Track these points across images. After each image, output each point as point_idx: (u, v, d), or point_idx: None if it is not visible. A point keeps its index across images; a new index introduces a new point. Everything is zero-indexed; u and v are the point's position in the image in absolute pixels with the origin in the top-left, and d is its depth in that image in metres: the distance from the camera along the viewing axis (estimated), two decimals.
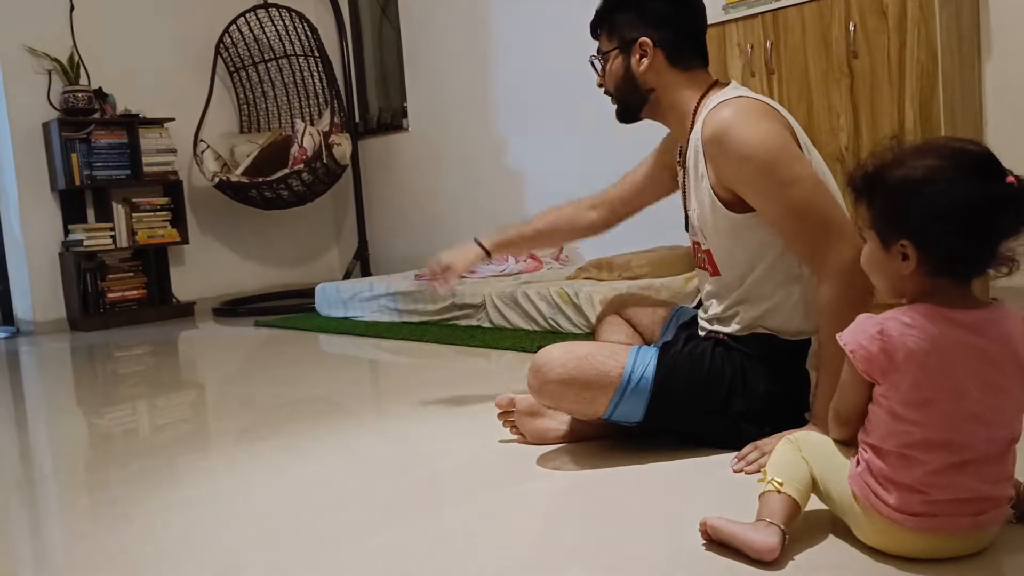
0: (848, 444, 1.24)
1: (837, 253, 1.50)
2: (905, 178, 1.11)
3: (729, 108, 1.60)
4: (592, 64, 1.82)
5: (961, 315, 1.10)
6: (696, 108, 1.70)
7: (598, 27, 1.79)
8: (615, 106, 1.82)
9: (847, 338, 1.14)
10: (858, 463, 1.19)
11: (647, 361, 1.63)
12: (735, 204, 1.62)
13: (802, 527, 1.23)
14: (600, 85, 1.82)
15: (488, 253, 2.14)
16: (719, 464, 1.59)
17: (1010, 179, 1.06)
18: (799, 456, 1.24)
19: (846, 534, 1.22)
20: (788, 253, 1.62)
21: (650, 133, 1.94)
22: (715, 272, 1.72)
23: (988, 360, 1.09)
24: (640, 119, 1.82)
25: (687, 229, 1.81)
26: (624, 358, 1.63)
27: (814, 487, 1.23)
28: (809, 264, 1.58)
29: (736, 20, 3.13)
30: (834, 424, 1.25)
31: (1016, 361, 1.10)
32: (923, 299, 1.12)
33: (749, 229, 1.62)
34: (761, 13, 3.06)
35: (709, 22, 1.80)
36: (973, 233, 1.07)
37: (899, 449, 1.12)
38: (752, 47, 3.09)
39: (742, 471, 1.53)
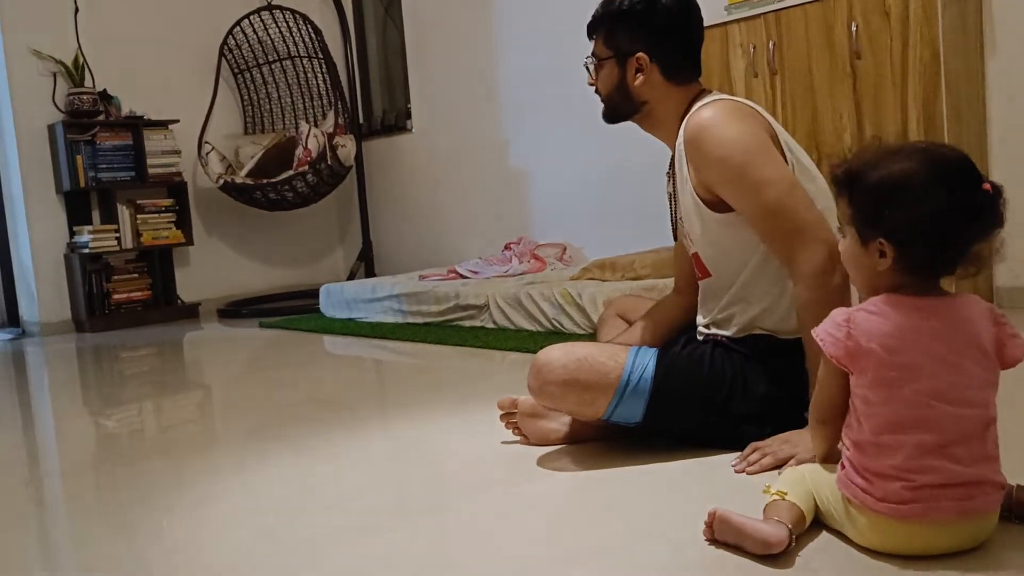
0: (834, 459, 1.27)
1: (809, 254, 1.51)
2: (883, 179, 1.15)
3: (708, 110, 1.62)
4: (586, 66, 1.82)
5: (923, 301, 1.16)
6: (683, 115, 1.71)
7: (594, 30, 1.78)
8: (603, 105, 1.81)
9: (819, 330, 1.20)
10: (842, 466, 1.22)
11: (646, 362, 1.64)
12: (717, 204, 1.64)
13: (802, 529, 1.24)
14: (591, 85, 1.82)
15: None
16: (720, 465, 1.59)
17: (985, 186, 1.11)
18: (803, 476, 1.28)
19: (844, 536, 1.22)
20: None
21: (648, 137, 1.94)
22: (705, 274, 1.73)
23: (946, 340, 1.14)
24: (622, 121, 1.82)
25: (675, 238, 1.83)
26: (623, 359, 1.64)
27: (817, 510, 1.25)
28: (784, 262, 1.59)
29: (739, 20, 3.13)
30: (814, 424, 1.30)
31: (976, 343, 1.15)
32: (892, 291, 1.18)
33: (732, 228, 1.64)
34: (764, 13, 3.07)
35: (712, 22, 1.81)
36: (947, 237, 1.13)
37: (874, 436, 1.15)
38: (755, 47, 3.10)
39: (743, 472, 1.53)
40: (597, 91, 1.81)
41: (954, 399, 1.13)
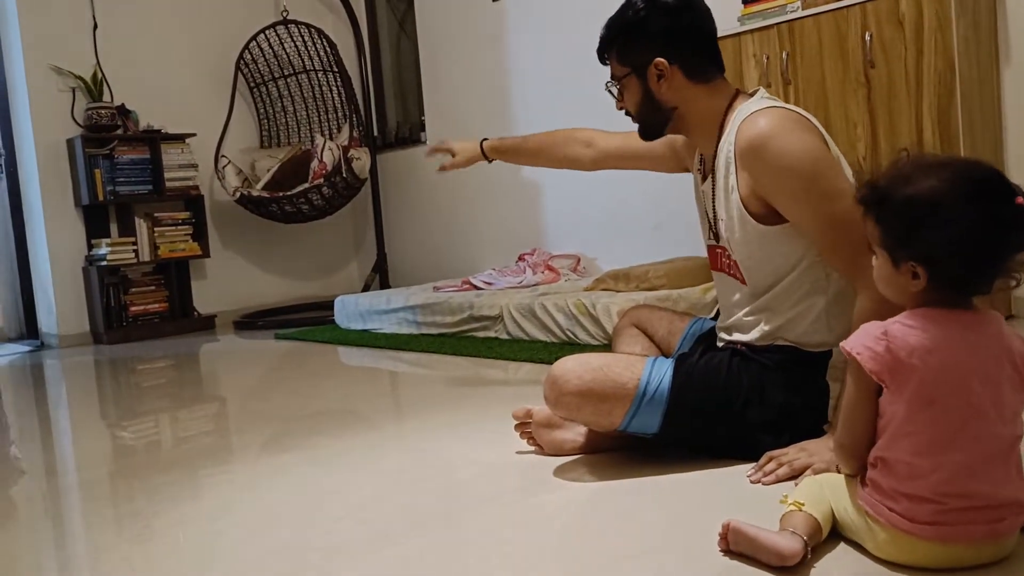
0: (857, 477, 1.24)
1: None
2: (911, 200, 1.11)
3: (765, 119, 1.58)
4: (608, 91, 1.80)
5: (958, 315, 1.13)
6: (724, 119, 1.69)
7: (605, 53, 1.76)
8: (637, 125, 1.80)
9: (852, 343, 1.15)
10: (865, 483, 1.19)
11: (663, 372, 1.63)
12: (765, 216, 1.61)
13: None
14: (620, 108, 1.80)
15: (484, 154, 2.33)
16: (736, 475, 1.58)
17: (1019, 200, 1.07)
18: (821, 487, 1.26)
19: (861, 548, 1.22)
20: (815, 265, 1.61)
21: None
22: (744, 281, 1.71)
23: (985, 353, 1.12)
24: (664, 135, 1.80)
25: (716, 239, 1.76)
26: (640, 370, 1.64)
27: (834, 522, 1.24)
28: (848, 275, 1.55)
29: (752, 31, 3.13)
30: (842, 457, 1.24)
31: (1011, 358, 1.13)
32: (925, 305, 1.14)
33: (778, 241, 1.62)
34: (777, 23, 3.07)
35: (725, 33, 1.80)
36: (982, 255, 1.09)
37: (908, 457, 1.12)
38: (768, 57, 3.10)
39: (759, 482, 1.52)
40: (627, 112, 1.79)
41: (993, 418, 1.10)
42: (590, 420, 1.68)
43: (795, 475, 1.50)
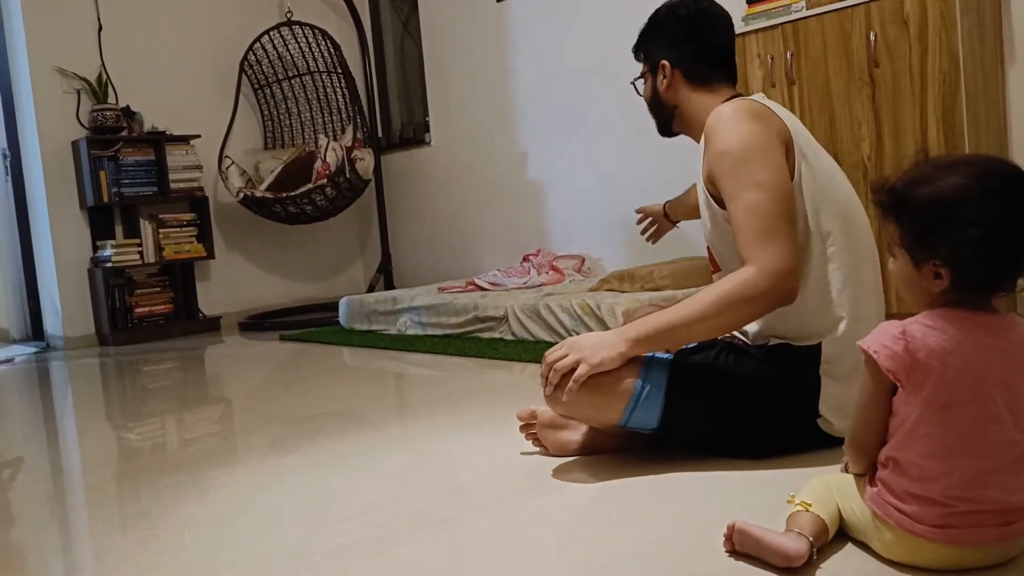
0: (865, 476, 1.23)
1: (770, 254, 1.52)
2: (932, 198, 1.10)
3: (728, 107, 1.66)
4: (633, 85, 1.94)
5: (979, 317, 1.11)
6: None
7: (635, 50, 1.91)
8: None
9: (869, 342, 1.13)
10: (873, 483, 1.19)
11: (661, 367, 1.64)
12: (722, 199, 1.66)
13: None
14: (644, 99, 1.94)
15: (666, 212, 2.35)
16: (738, 476, 1.58)
17: None
18: (828, 487, 1.25)
19: (867, 548, 1.21)
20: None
21: (666, 148, 1.96)
22: (716, 269, 1.77)
23: (1004, 359, 1.10)
24: (676, 134, 1.91)
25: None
26: (638, 365, 1.64)
27: (841, 522, 1.23)
28: (742, 255, 1.56)
29: (756, 31, 3.13)
30: (852, 454, 1.23)
31: None
32: (946, 306, 1.13)
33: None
34: (781, 23, 3.06)
35: None
36: (1006, 252, 1.08)
37: (920, 459, 1.11)
38: (772, 57, 3.09)
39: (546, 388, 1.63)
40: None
41: (1008, 424, 1.09)
42: (589, 416, 1.68)
43: (562, 373, 1.60)
